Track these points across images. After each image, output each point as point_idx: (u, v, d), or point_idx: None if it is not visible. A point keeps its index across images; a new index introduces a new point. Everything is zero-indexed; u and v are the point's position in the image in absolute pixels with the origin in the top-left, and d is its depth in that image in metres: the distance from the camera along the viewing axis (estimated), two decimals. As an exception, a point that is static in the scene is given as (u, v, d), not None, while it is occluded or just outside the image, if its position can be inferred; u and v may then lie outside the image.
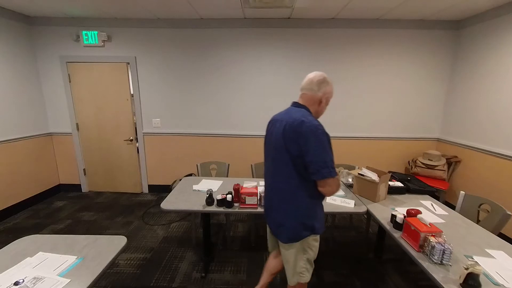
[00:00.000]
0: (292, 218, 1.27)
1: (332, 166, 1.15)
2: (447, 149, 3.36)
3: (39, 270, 1.15)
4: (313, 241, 1.32)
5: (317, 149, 1.13)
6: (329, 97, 1.29)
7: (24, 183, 3.25)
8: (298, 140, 1.16)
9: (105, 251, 1.30)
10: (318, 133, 1.13)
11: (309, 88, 1.27)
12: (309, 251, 1.32)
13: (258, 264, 2.24)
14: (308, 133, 1.13)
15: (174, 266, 2.21)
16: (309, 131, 1.14)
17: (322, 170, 1.13)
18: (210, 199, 1.87)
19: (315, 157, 1.13)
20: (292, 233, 1.28)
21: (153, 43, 3.36)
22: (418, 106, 3.46)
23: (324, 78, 1.26)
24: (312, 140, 1.13)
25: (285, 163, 1.23)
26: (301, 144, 1.15)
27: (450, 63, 3.31)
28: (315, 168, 1.14)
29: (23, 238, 1.41)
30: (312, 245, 1.32)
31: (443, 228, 1.51)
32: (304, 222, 1.26)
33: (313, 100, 1.27)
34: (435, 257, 1.24)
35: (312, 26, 3.24)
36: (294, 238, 1.29)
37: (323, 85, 1.25)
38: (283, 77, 3.41)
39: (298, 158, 1.18)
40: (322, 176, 1.14)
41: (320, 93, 1.25)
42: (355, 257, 2.37)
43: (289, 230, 1.28)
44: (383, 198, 2.04)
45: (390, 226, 1.61)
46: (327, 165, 1.13)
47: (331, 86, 1.28)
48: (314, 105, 1.28)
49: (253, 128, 3.57)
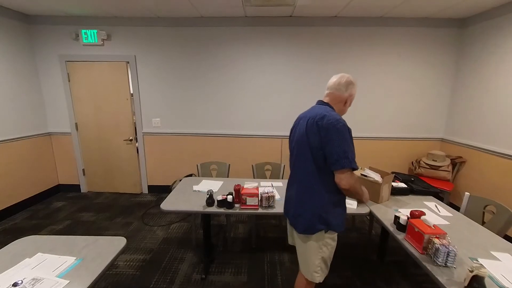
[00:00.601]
0: (309, 210, 1.32)
1: (352, 158, 1.20)
2: (451, 150, 3.35)
3: (38, 271, 1.16)
4: (329, 239, 1.35)
5: (338, 140, 1.19)
6: (353, 99, 1.39)
7: (22, 183, 3.27)
8: (319, 132, 1.23)
9: (104, 252, 1.30)
10: (339, 126, 1.20)
11: (337, 88, 1.34)
12: (324, 249, 1.35)
13: (259, 265, 2.24)
14: (329, 125, 1.20)
15: (174, 268, 2.21)
16: (330, 123, 1.20)
17: (342, 160, 1.18)
18: (210, 199, 1.87)
19: (335, 148, 1.19)
20: (308, 224, 1.33)
21: (153, 42, 3.37)
22: (422, 106, 3.45)
23: (351, 80, 1.34)
24: (333, 131, 1.19)
25: (306, 157, 1.30)
26: (322, 135, 1.22)
27: (454, 62, 3.30)
28: (335, 158, 1.19)
29: (22, 239, 1.42)
30: (327, 243, 1.35)
31: (448, 230, 1.50)
32: (320, 214, 1.30)
33: (338, 100, 1.35)
34: (439, 260, 1.23)
35: (314, 25, 3.24)
36: (309, 229, 1.33)
37: (350, 86, 1.33)
38: (284, 76, 3.40)
39: (318, 150, 1.24)
40: (341, 166, 1.19)
41: (347, 93, 1.34)
42: (358, 259, 2.37)
43: (305, 220, 1.34)
44: (386, 199, 2.03)
45: (393, 227, 1.61)
46: (347, 156, 1.18)
47: (356, 88, 1.37)
48: (338, 104, 1.36)
49: (254, 127, 3.57)
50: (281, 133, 3.54)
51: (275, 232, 2.80)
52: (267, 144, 3.60)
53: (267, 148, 3.60)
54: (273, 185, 2.33)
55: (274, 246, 2.54)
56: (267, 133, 3.57)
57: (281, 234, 2.73)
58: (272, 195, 1.87)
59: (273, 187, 2.26)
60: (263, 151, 3.60)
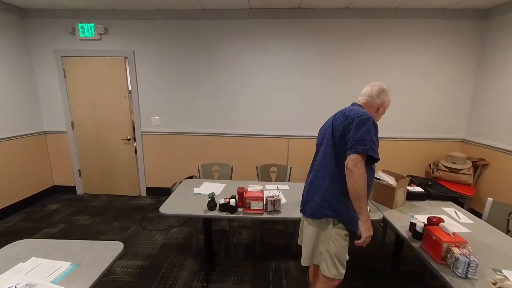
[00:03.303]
0: (321, 194, 1.40)
1: (371, 147, 1.26)
2: (473, 151, 3.30)
3: (32, 276, 1.18)
4: (338, 235, 1.37)
5: (359, 128, 1.27)
6: (387, 106, 1.49)
7: (16, 184, 3.33)
8: (345, 121, 1.34)
9: (100, 258, 1.32)
10: (364, 118, 1.29)
11: (369, 95, 1.46)
12: (331, 244, 1.38)
13: (263, 274, 2.24)
14: (355, 115, 1.31)
15: (174, 275, 2.23)
16: (356, 113, 1.31)
17: (358, 146, 1.26)
18: (212, 203, 1.88)
19: (355, 134, 1.27)
20: (316, 208, 1.40)
21: (153, 36, 3.40)
22: (441, 104, 3.40)
23: (383, 88, 1.45)
24: (357, 121, 1.28)
25: (328, 144, 1.41)
26: (346, 124, 1.32)
27: (476, 56, 3.25)
28: (352, 143, 1.27)
29: (16, 243, 1.45)
30: (334, 237, 1.38)
31: (468, 238, 1.49)
32: (330, 200, 1.36)
33: (371, 105, 1.46)
34: (459, 270, 1.22)
35: (323, 16, 3.22)
36: (316, 214, 1.40)
37: (382, 93, 1.45)
38: (292, 72, 3.40)
39: (341, 137, 1.34)
40: (355, 150, 1.26)
41: (379, 100, 1.45)
42: (370, 268, 2.34)
43: (315, 204, 1.41)
44: (401, 204, 2.02)
45: (408, 235, 1.60)
46: (364, 143, 1.25)
47: (389, 96, 1.48)
48: (371, 110, 1.45)
49: (259, 127, 3.57)
50: (287, 133, 3.53)
51: (281, 238, 2.80)
52: (272, 145, 3.60)
53: (272, 149, 3.60)
54: (279, 188, 2.33)
55: (280, 253, 2.53)
56: (273, 132, 3.57)
57: (287, 241, 2.73)
58: (277, 199, 1.87)
59: (279, 190, 2.26)
60: (269, 152, 3.60)
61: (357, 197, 1.29)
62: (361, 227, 1.33)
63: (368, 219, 1.33)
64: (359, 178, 1.26)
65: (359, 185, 1.26)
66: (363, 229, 1.32)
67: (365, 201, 1.30)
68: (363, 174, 1.26)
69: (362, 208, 1.31)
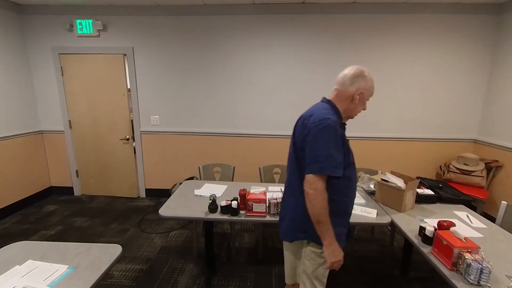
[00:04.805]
0: (290, 215, 1.35)
1: (329, 164, 1.14)
2: (486, 152, 3.26)
3: (28, 279, 1.19)
4: (313, 253, 1.28)
5: (316, 142, 1.17)
6: (366, 95, 1.27)
7: (13, 185, 3.37)
8: (303, 132, 1.24)
9: (98, 261, 1.33)
10: (322, 127, 1.16)
11: (341, 82, 1.27)
12: (307, 263, 1.30)
13: (266, 279, 2.24)
14: (312, 125, 1.19)
15: (173, 280, 2.23)
16: (313, 123, 1.19)
17: (312, 164, 1.16)
18: (213, 205, 1.88)
19: (310, 150, 1.18)
20: (286, 229, 1.36)
21: (152, 33, 3.42)
22: (452, 102, 3.37)
23: (360, 72, 1.25)
24: (314, 132, 1.17)
25: (292, 158, 1.34)
26: (304, 136, 1.23)
27: (490, 53, 3.22)
28: (307, 161, 1.18)
29: (12, 245, 1.46)
30: (309, 256, 1.29)
31: (481, 243, 1.46)
32: (298, 220, 1.29)
33: (343, 96, 1.27)
34: (471, 277, 1.21)
35: (329, 12, 3.22)
36: (288, 236, 1.37)
37: (357, 79, 1.24)
38: (296, 70, 3.40)
39: (301, 151, 1.25)
40: (309, 171, 1.17)
41: (353, 88, 1.24)
42: (377, 274, 2.33)
43: (285, 225, 1.37)
44: (410, 207, 2.00)
45: (418, 239, 1.59)
46: (319, 160, 1.14)
47: (368, 83, 1.26)
48: (343, 102, 1.28)
49: (262, 126, 3.57)
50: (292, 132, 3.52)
51: (285, 242, 2.79)
52: (276, 145, 3.60)
53: (276, 149, 3.60)
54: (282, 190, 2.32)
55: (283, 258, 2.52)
56: (276, 132, 3.56)
57: (291, 245, 2.72)
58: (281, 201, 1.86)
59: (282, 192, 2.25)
60: (272, 153, 3.60)
61: (315, 221, 1.18)
62: (324, 251, 1.21)
63: (332, 243, 1.19)
64: (316, 201, 1.15)
65: (316, 209, 1.16)
66: (326, 254, 1.20)
67: (326, 225, 1.17)
68: (320, 196, 1.14)
69: (323, 232, 1.18)
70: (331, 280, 1.39)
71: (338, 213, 1.26)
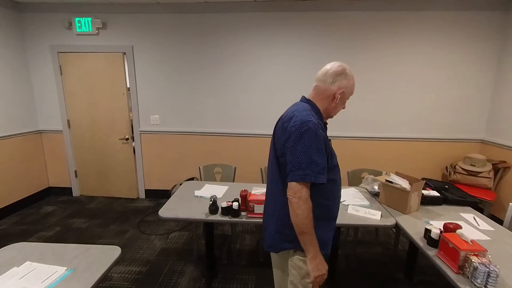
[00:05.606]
0: (273, 224, 1.27)
1: (311, 171, 1.10)
2: (493, 153, 3.25)
3: (26, 281, 1.19)
4: (299, 261, 1.22)
5: (297, 147, 1.11)
6: (347, 94, 1.23)
7: (10, 185, 3.38)
8: (283, 136, 1.18)
9: (97, 263, 1.33)
10: (303, 130, 1.10)
11: (322, 80, 1.22)
12: (294, 272, 1.23)
13: (267, 282, 2.24)
14: (292, 129, 1.13)
15: (173, 282, 2.24)
16: (293, 126, 1.13)
17: (294, 172, 1.11)
18: (214, 206, 1.88)
19: (292, 156, 1.13)
20: (271, 240, 1.29)
21: (152, 31, 3.43)
22: (459, 102, 3.36)
23: (343, 70, 1.20)
24: (294, 136, 1.12)
25: (274, 165, 1.27)
26: (284, 140, 1.17)
27: (497, 50, 3.20)
28: (289, 168, 1.13)
29: (10, 246, 1.47)
30: (296, 265, 1.23)
31: (488, 246, 1.47)
32: (282, 231, 1.22)
33: (324, 95, 1.23)
34: (477, 281, 1.20)
35: (332, 9, 3.21)
36: (273, 247, 1.29)
37: (339, 77, 1.19)
38: (298, 68, 3.39)
39: (281, 156, 1.20)
40: (292, 178, 1.12)
41: (334, 86, 1.20)
42: (381, 277, 2.33)
43: (269, 235, 1.30)
44: (415, 209, 1.99)
45: (423, 242, 1.58)
46: (301, 167, 1.10)
47: (350, 81, 1.22)
48: (324, 101, 1.24)
49: (264, 126, 3.57)
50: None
51: (287, 244, 2.79)
52: (278, 145, 3.59)
53: (278, 149, 3.59)
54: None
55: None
56: (278, 132, 3.56)
57: (293, 247, 2.72)
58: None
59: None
60: (274, 153, 3.59)
61: (299, 232, 1.13)
62: (308, 265, 1.15)
63: (316, 257, 1.13)
64: (299, 210, 1.10)
65: (299, 219, 1.10)
66: (310, 268, 1.15)
67: (310, 235, 1.12)
68: (303, 205, 1.10)
69: (306, 244, 1.13)
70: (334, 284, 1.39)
71: (324, 217, 1.23)
